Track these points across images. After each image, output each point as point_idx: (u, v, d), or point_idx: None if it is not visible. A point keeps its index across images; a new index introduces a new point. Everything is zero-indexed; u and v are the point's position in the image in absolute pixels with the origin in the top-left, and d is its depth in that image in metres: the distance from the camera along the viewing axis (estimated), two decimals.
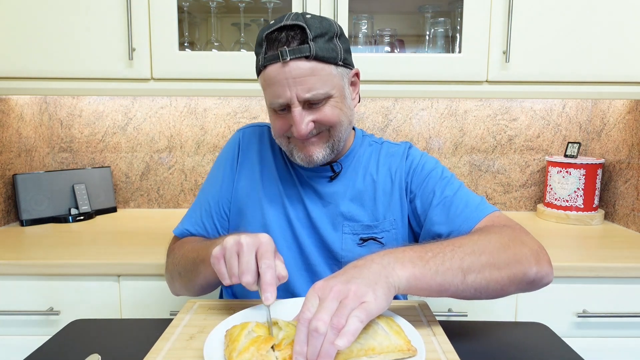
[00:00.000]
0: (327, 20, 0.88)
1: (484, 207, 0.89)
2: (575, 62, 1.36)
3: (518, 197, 1.77)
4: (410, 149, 1.02)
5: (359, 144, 1.01)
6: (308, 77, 0.83)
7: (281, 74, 0.83)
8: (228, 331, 0.65)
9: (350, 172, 0.99)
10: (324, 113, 0.86)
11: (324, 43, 0.84)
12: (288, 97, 0.84)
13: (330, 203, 0.97)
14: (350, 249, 0.95)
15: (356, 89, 0.95)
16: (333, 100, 0.87)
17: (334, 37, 0.87)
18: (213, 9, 1.48)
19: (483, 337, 0.79)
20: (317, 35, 0.83)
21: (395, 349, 0.62)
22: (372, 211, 0.96)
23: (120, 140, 1.75)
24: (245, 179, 1.01)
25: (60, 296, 1.20)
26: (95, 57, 1.36)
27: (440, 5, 1.49)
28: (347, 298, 0.59)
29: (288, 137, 0.91)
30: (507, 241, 0.76)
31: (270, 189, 0.99)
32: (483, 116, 1.73)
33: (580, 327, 1.21)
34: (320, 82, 0.84)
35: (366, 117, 1.74)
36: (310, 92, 0.84)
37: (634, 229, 1.50)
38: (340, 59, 0.87)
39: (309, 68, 0.83)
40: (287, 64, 0.82)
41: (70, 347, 0.76)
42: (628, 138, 1.53)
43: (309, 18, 0.85)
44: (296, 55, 0.82)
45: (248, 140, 1.03)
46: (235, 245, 0.71)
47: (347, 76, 0.91)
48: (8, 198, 1.56)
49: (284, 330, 0.65)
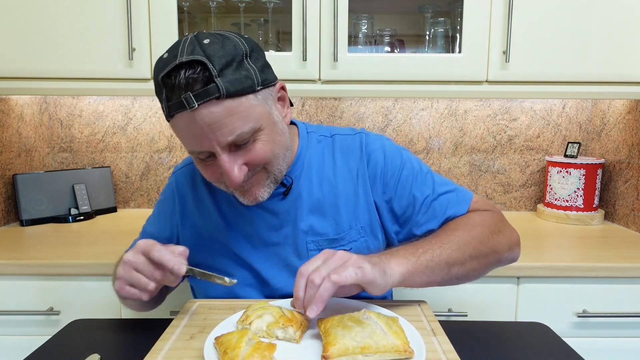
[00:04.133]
0: (229, 39, 0.73)
1: (463, 195, 0.92)
2: (575, 62, 1.36)
3: (518, 197, 1.77)
4: (366, 140, 0.91)
5: (305, 144, 0.90)
6: (225, 119, 0.71)
7: (193, 123, 0.71)
8: (220, 339, 0.64)
9: (304, 181, 0.88)
10: (255, 152, 0.75)
11: (233, 73, 0.70)
12: (208, 145, 0.73)
13: (287, 222, 0.88)
14: None
15: (285, 103, 0.84)
16: (262, 133, 0.75)
17: (242, 61, 0.72)
18: (213, 9, 1.48)
19: (483, 337, 0.79)
20: (223, 67, 0.70)
21: (392, 349, 0.62)
22: (336, 221, 0.88)
23: (120, 140, 1.75)
24: (189, 230, 0.93)
25: (60, 296, 1.20)
26: (95, 57, 1.36)
27: (440, 5, 1.49)
28: (348, 261, 0.68)
29: (226, 185, 0.80)
30: (488, 233, 0.84)
31: (218, 234, 0.90)
32: (483, 116, 1.73)
33: (580, 327, 1.21)
34: (241, 120, 0.72)
35: (366, 117, 1.74)
36: (232, 135, 0.72)
37: (634, 229, 1.50)
38: (258, 83, 0.74)
39: (224, 109, 0.70)
40: (197, 111, 0.69)
41: (70, 347, 0.76)
42: (628, 138, 1.54)
43: (207, 45, 0.70)
44: (204, 100, 0.69)
45: (183, 185, 0.94)
46: (127, 266, 0.74)
47: (272, 97, 0.79)
48: (8, 198, 1.56)
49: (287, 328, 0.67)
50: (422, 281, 0.76)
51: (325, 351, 0.61)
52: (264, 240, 0.89)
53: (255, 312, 0.70)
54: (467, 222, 0.86)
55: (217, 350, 0.63)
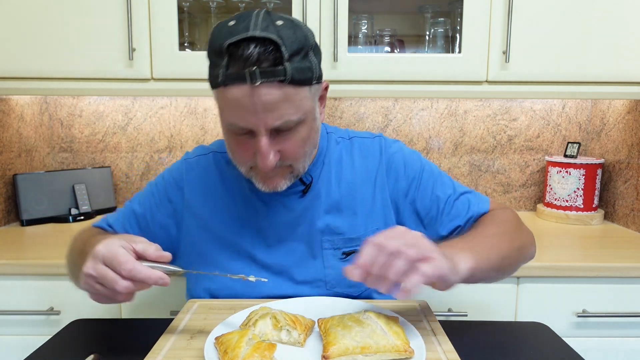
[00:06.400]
0: (301, 28, 0.73)
1: (481, 196, 0.96)
2: (575, 62, 1.36)
3: (518, 197, 1.77)
4: (385, 143, 0.93)
5: (325, 145, 0.91)
6: (280, 103, 0.71)
7: (248, 99, 0.70)
8: (220, 339, 0.65)
9: (322, 180, 0.89)
10: (290, 143, 0.76)
11: (300, 62, 0.71)
12: (254, 124, 0.72)
13: (304, 220, 0.88)
14: (333, 265, 0.88)
15: (323, 102, 0.85)
16: (303, 126, 0.76)
17: (309, 52, 0.73)
18: (213, 9, 1.48)
19: (483, 337, 0.79)
20: (293, 54, 0.70)
21: (392, 349, 0.62)
22: (352, 221, 0.89)
23: (120, 140, 1.75)
24: (198, 216, 0.90)
25: (60, 296, 1.20)
26: (95, 57, 1.36)
27: (440, 5, 1.49)
28: (418, 244, 0.62)
29: (250, 166, 0.80)
30: (517, 230, 0.87)
31: (223, 228, 0.89)
32: (483, 116, 1.73)
33: (580, 327, 1.21)
34: (293, 109, 0.72)
35: (366, 117, 1.74)
36: (280, 120, 0.72)
37: (633, 229, 1.50)
38: (316, 77, 0.75)
39: (282, 94, 0.70)
40: (257, 88, 0.69)
41: (70, 347, 0.76)
42: (628, 138, 1.54)
43: (280, 27, 0.70)
44: (268, 79, 0.69)
45: (193, 175, 0.92)
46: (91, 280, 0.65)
47: (318, 94, 0.80)
48: (8, 198, 1.57)
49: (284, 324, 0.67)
50: (481, 277, 0.73)
51: (325, 351, 0.61)
52: (279, 236, 0.88)
53: (259, 315, 0.70)
54: (496, 219, 0.88)
55: (217, 350, 0.63)
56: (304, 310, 0.75)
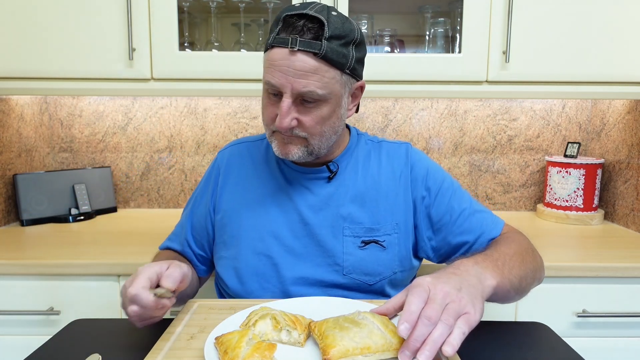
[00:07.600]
0: (350, 23, 0.84)
1: (496, 218, 0.98)
2: (575, 62, 1.36)
3: (518, 197, 1.77)
4: (411, 150, 1.00)
5: (354, 142, 0.99)
6: (310, 74, 0.80)
7: (284, 61, 0.80)
8: (220, 339, 0.64)
9: (349, 171, 0.96)
10: (310, 117, 0.84)
11: (338, 46, 0.81)
12: (283, 84, 0.81)
13: (328, 205, 0.94)
14: (351, 252, 0.92)
15: (356, 101, 0.93)
16: (326, 105, 0.84)
17: (350, 43, 0.84)
18: (213, 9, 1.48)
19: (483, 337, 0.79)
20: (333, 36, 0.80)
21: (391, 347, 0.62)
22: (374, 213, 0.94)
23: (120, 140, 1.75)
24: (225, 200, 0.98)
25: (60, 296, 1.20)
26: (95, 57, 1.36)
27: (440, 5, 1.49)
28: (453, 302, 0.62)
29: (272, 130, 0.89)
30: (531, 253, 0.88)
31: (259, 203, 0.96)
32: (483, 116, 1.73)
33: (580, 327, 1.21)
34: (320, 83, 0.81)
35: (366, 117, 1.74)
36: (306, 88, 0.81)
37: (633, 229, 1.50)
38: (349, 67, 0.84)
39: (314, 66, 0.80)
40: (294, 54, 0.80)
41: (70, 347, 0.76)
42: (628, 138, 1.54)
43: (334, 15, 0.82)
44: (305, 49, 0.79)
45: (227, 161, 1.01)
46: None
47: (350, 86, 0.88)
48: (8, 198, 1.57)
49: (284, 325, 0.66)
50: (501, 296, 0.74)
51: (325, 354, 0.61)
52: (303, 217, 0.93)
53: (259, 315, 0.70)
54: (514, 240, 0.89)
55: (217, 350, 0.63)
56: (303, 311, 0.75)
